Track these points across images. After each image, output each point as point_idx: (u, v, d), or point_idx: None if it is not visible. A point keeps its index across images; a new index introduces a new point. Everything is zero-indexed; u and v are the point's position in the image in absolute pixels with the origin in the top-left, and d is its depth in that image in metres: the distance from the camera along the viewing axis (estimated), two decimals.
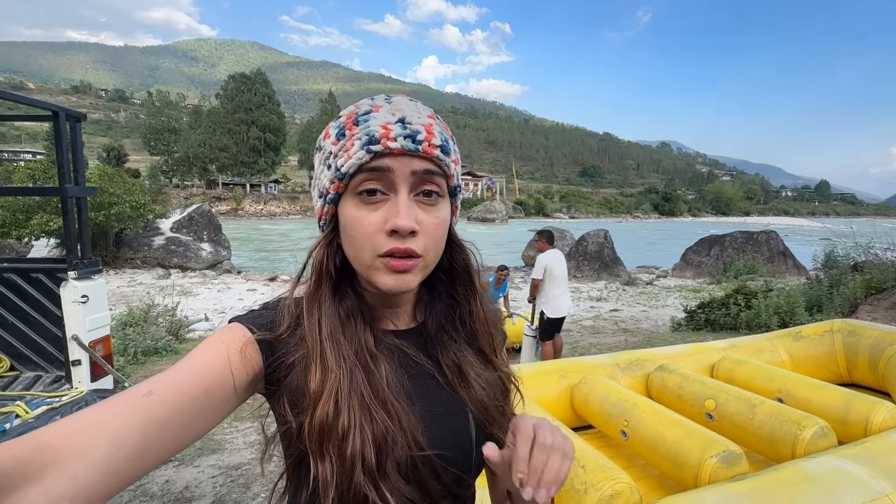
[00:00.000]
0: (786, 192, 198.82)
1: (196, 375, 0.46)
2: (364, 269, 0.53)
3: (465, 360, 0.59)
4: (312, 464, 0.49)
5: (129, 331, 5.44)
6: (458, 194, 0.58)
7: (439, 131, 0.52)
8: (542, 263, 4.63)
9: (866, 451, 1.89)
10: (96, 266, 2.22)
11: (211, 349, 0.49)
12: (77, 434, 0.38)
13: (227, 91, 56.29)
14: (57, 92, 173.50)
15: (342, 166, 0.51)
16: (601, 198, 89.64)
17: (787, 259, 14.27)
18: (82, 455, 0.37)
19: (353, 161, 0.50)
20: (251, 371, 0.51)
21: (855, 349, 2.99)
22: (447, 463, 0.54)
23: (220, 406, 0.48)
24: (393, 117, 0.50)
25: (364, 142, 0.50)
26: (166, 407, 0.43)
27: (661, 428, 2.17)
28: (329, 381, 0.49)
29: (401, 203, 0.50)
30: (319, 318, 0.53)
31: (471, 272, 0.61)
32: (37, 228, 11.59)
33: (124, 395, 0.43)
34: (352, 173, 0.51)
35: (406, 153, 0.50)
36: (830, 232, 10.19)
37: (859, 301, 5.88)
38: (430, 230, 0.52)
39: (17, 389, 2.25)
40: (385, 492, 0.48)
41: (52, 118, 2.15)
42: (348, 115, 0.53)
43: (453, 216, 0.59)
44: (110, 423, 0.39)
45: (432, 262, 0.55)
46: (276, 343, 0.53)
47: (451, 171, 0.55)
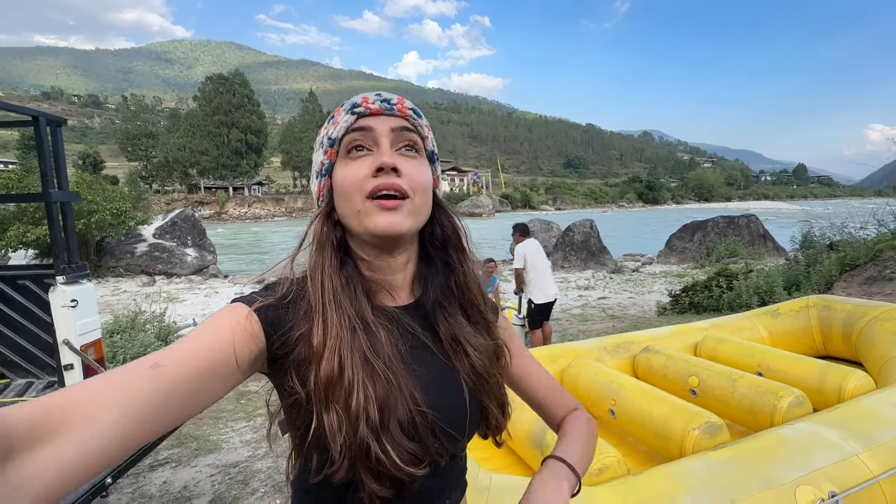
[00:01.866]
0: (765, 176, 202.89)
1: (201, 350, 0.48)
2: (356, 216, 0.58)
3: (460, 330, 0.63)
4: (317, 417, 0.52)
5: (116, 338, 5.37)
6: (435, 161, 0.66)
7: (410, 104, 0.62)
8: (521, 252, 4.80)
9: (839, 416, 2.00)
10: (84, 270, 2.21)
11: (215, 326, 0.51)
12: (87, 400, 0.39)
13: (205, 93, 55.24)
14: (27, 99, 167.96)
15: (332, 134, 0.60)
16: (586, 188, 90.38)
17: (766, 241, 14.64)
18: (91, 421, 0.39)
19: (341, 125, 0.59)
20: (254, 347, 0.53)
21: (829, 323, 3.12)
22: (443, 424, 0.58)
23: (224, 380, 0.50)
24: (371, 94, 0.61)
25: (348, 108, 0.60)
26: (171, 379, 0.44)
27: (647, 405, 2.26)
28: (331, 339, 0.53)
29: (383, 148, 0.58)
30: (322, 280, 0.57)
31: (459, 233, 0.67)
32: (14, 240, 11.28)
33: (131, 366, 0.45)
34: (340, 137, 0.59)
35: (383, 113, 0.60)
36: (807, 214, 10.47)
37: (834, 278, 6.10)
38: (413, 173, 0.59)
39: (10, 396, 2.23)
40: (387, 445, 0.51)
41: (33, 123, 2.13)
42: (337, 109, 0.63)
43: (435, 183, 0.65)
44: (118, 391, 0.41)
45: (420, 209, 0.60)
46: (281, 317, 0.55)
47: (425, 133, 0.63)
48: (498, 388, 0.66)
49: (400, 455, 0.52)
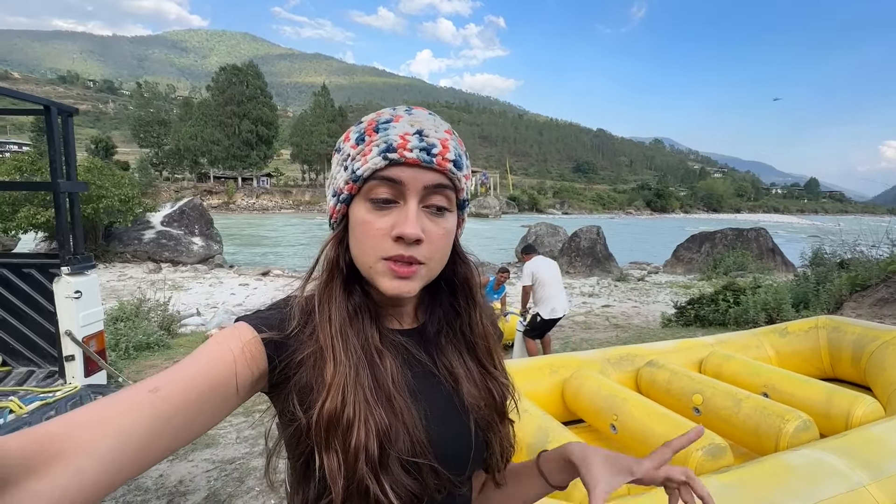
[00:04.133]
0: (776, 189, 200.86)
1: (201, 374, 0.47)
2: (367, 270, 0.55)
3: (458, 366, 0.61)
4: (318, 457, 0.51)
5: (120, 325, 5.40)
6: (465, 207, 0.60)
7: (454, 146, 0.55)
8: (529, 270, 4.83)
9: (847, 443, 1.95)
10: (89, 261, 2.21)
11: (216, 348, 0.50)
12: (84, 428, 0.38)
13: (218, 83, 55.55)
14: (43, 82, 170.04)
15: (358, 169, 0.53)
16: (594, 193, 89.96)
17: (775, 256, 14.49)
18: (88, 449, 0.38)
19: (370, 165, 0.52)
20: (255, 371, 0.51)
21: (839, 345, 3.06)
22: (446, 459, 0.56)
23: (224, 404, 0.49)
24: (411, 128, 0.53)
25: (382, 149, 0.52)
26: (171, 403, 0.43)
27: (649, 422, 2.22)
28: (338, 375, 0.52)
29: (409, 211, 0.52)
30: (330, 312, 0.55)
31: (472, 286, 0.63)
32: (24, 221, 11.42)
33: (130, 390, 0.44)
34: (366, 177, 0.53)
35: (420, 164, 0.52)
36: (818, 229, 10.32)
37: (844, 298, 6.01)
38: (435, 240, 0.54)
39: (11, 385, 2.24)
40: (385, 484, 0.50)
41: (44, 112, 2.12)
42: (369, 122, 0.55)
43: (459, 228, 0.61)
44: (116, 417, 0.40)
45: (435, 270, 0.57)
46: (285, 342, 0.54)
47: (462, 185, 0.57)
48: (503, 422, 0.64)
49: (398, 494, 0.51)
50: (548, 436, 2.03)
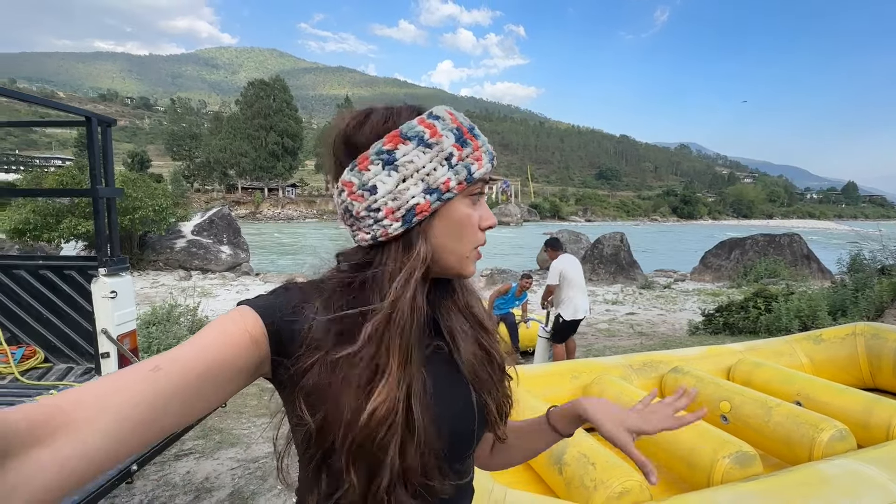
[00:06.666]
0: (811, 194, 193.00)
1: (202, 354, 0.48)
2: (460, 259, 0.60)
3: (459, 329, 0.64)
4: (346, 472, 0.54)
5: (152, 329, 5.61)
6: None
7: None
8: (557, 269, 4.67)
9: (887, 454, 1.85)
10: (124, 263, 2.32)
11: (218, 329, 0.51)
12: (88, 402, 0.40)
13: (246, 97, 57.56)
14: (85, 100, 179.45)
15: (475, 172, 0.58)
16: (618, 200, 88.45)
17: (810, 262, 13.87)
18: (91, 422, 0.39)
19: (483, 170, 0.59)
20: (257, 353, 0.52)
21: (879, 353, 2.91)
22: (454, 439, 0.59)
23: (226, 384, 0.50)
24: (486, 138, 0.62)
25: (489, 157, 0.60)
26: (171, 382, 0.44)
27: None
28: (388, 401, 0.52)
29: (486, 205, 0.62)
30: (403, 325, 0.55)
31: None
32: (66, 231, 12.04)
33: (133, 368, 0.45)
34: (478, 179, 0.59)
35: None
36: (857, 235, 9.82)
37: (885, 305, 5.71)
38: None
39: (51, 380, 2.37)
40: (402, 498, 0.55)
41: (85, 123, 2.26)
42: (457, 122, 0.58)
43: None
44: (120, 393, 0.42)
45: None
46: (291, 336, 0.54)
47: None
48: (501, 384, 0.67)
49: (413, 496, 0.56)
50: (568, 441, 1.99)
